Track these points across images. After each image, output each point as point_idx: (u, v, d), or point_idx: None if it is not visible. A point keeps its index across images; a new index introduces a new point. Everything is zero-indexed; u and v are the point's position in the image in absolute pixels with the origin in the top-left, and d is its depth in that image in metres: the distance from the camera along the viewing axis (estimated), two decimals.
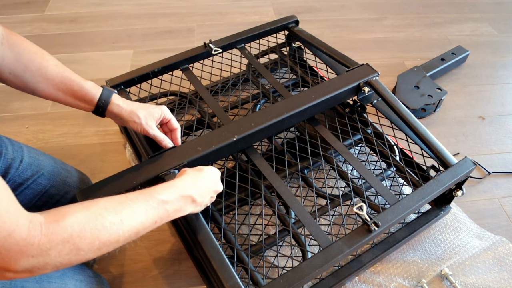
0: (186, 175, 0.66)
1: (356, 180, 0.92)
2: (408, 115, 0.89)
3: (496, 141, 1.17)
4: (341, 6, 1.66)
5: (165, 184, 0.63)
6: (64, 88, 0.70)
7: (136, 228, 0.55)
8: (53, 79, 0.68)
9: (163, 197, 0.59)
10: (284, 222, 0.80)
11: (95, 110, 0.74)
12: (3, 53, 0.63)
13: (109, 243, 0.52)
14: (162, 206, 0.59)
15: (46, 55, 0.69)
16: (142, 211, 0.56)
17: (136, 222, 0.55)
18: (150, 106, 0.78)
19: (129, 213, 0.54)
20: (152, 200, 0.58)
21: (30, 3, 1.61)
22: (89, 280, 0.75)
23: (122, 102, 0.75)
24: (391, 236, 0.88)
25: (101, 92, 0.73)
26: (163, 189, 0.60)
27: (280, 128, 0.88)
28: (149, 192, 0.59)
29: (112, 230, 0.52)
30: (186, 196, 0.63)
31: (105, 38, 1.46)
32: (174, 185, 0.63)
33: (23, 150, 0.77)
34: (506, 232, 0.96)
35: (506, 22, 1.61)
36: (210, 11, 1.60)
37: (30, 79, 0.67)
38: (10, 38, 0.65)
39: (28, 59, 0.66)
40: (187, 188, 0.63)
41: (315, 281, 0.81)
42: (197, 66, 1.05)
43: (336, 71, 1.05)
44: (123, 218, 0.53)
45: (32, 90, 0.68)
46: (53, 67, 0.69)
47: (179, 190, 0.62)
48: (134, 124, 0.75)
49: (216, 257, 0.66)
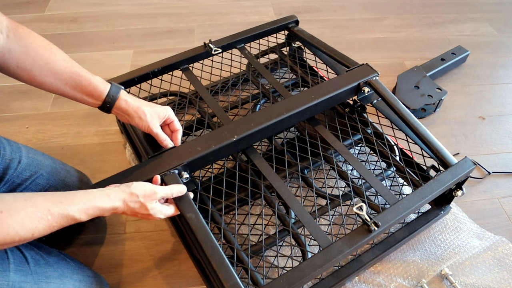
0: None
1: (356, 180, 0.92)
2: (408, 115, 0.89)
3: (496, 141, 1.17)
4: (341, 6, 1.66)
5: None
6: (73, 83, 0.69)
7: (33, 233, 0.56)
8: (61, 74, 0.68)
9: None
10: (284, 222, 0.80)
11: (102, 106, 0.74)
12: (10, 46, 0.63)
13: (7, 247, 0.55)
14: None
15: (55, 49, 0.68)
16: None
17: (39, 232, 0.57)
18: (156, 105, 0.79)
19: (43, 229, 0.56)
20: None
21: (30, 3, 1.61)
22: (88, 280, 0.75)
23: (129, 98, 0.75)
24: (391, 236, 0.88)
25: (109, 87, 0.73)
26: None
27: (280, 128, 0.88)
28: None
29: (19, 242, 0.54)
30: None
31: (105, 38, 1.46)
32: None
33: (21, 150, 0.77)
34: (506, 232, 0.96)
35: (506, 22, 1.61)
36: (210, 11, 1.60)
37: (37, 73, 0.66)
38: (17, 31, 0.64)
39: (36, 53, 0.65)
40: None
41: (315, 281, 0.81)
42: (197, 66, 1.05)
43: (336, 71, 1.05)
44: (35, 233, 0.55)
45: (39, 84, 0.68)
46: (61, 62, 0.68)
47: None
48: (139, 120, 0.76)
49: (216, 257, 0.65)
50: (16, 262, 0.65)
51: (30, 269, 0.66)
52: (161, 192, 0.69)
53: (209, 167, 0.95)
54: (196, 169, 0.81)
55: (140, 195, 0.66)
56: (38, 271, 0.67)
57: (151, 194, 0.67)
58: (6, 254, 0.65)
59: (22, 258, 0.67)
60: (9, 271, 0.63)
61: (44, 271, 0.68)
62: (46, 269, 0.69)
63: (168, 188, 0.70)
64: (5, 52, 0.62)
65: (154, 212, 0.68)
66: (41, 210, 0.55)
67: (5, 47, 0.62)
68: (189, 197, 0.72)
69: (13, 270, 0.64)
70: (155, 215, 0.68)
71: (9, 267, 0.63)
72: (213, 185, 0.82)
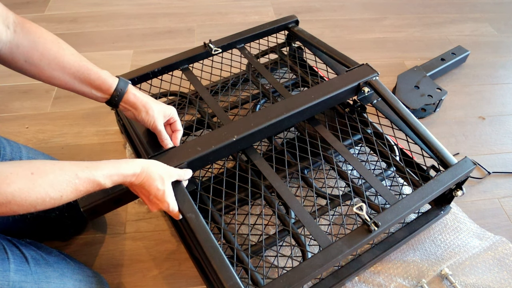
0: None
1: (356, 180, 0.92)
2: (408, 115, 0.89)
3: (496, 141, 1.17)
4: (341, 6, 1.66)
5: None
6: (81, 76, 0.70)
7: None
8: (70, 68, 0.68)
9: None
10: (284, 222, 0.80)
11: (110, 100, 0.74)
12: (18, 41, 0.63)
13: (40, 208, 0.54)
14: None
15: (63, 44, 0.69)
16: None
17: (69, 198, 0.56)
18: (162, 103, 0.80)
19: (70, 191, 0.56)
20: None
21: (30, 3, 1.61)
22: (89, 280, 0.75)
23: (138, 92, 0.76)
24: (391, 236, 0.88)
25: (117, 81, 0.73)
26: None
27: (280, 128, 0.88)
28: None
29: (49, 204, 0.54)
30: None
31: (105, 38, 1.46)
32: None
33: (21, 150, 0.77)
34: (506, 232, 0.96)
35: (506, 22, 1.61)
36: (210, 11, 1.60)
37: (46, 67, 0.66)
38: (24, 26, 0.64)
39: (44, 47, 0.65)
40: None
41: (315, 281, 0.81)
42: (197, 66, 1.05)
43: (336, 71, 1.05)
44: (63, 195, 0.55)
45: (47, 78, 0.68)
46: (69, 56, 0.68)
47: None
48: (146, 115, 0.76)
49: (216, 257, 0.65)
50: (17, 262, 0.65)
51: (30, 269, 0.66)
52: (175, 173, 0.71)
53: (209, 167, 0.95)
54: (196, 169, 0.81)
55: (160, 167, 0.67)
56: (38, 271, 0.67)
57: (168, 170, 0.69)
58: (6, 254, 0.65)
59: (22, 258, 0.67)
60: (9, 271, 0.63)
61: (44, 271, 0.68)
62: (46, 269, 0.69)
63: (181, 171, 0.73)
64: (13, 47, 0.63)
65: (167, 194, 0.68)
66: (68, 173, 0.55)
67: (13, 42, 0.62)
68: (189, 197, 0.72)
69: (13, 270, 0.64)
70: (166, 198, 0.67)
71: (9, 267, 0.63)
72: (213, 185, 0.82)
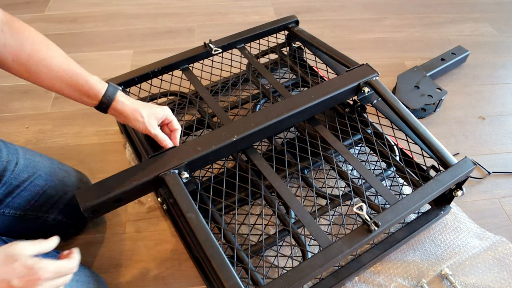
0: None
1: (356, 180, 0.92)
2: (408, 115, 0.89)
3: (496, 141, 1.17)
4: (341, 6, 1.66)
5: None
6: (69, 80, 0.68)
7: None
8: (58, 71, 0.67)
9: None
10: (284, 222, 0.80)
11: (98, 106, 0.72)
12: (5, 40, 0.62)
13: None
14: None
15: (52, 45, 0.67)
16: None
17: None
18: (153, 105, 0.78)
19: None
20: None
21: (30, 3, 1.61)
22: (87, 280, 0.75)
23: (126, 99, 0.74)
24: (391, 236, 0.88)
25: (106, 88, 0.71)
26: None
27: (280, 128, 0.88)
28: None
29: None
30: None
31: (105, 38, 1.46)
32: None
33: (18, 152, 0.76)
34: (506, 232, 0.96)
35: (506, 22, 1.61)
36: (210, 11, 1.60)
37: (34, 69, 0.65)
38: (12, 25, 0.63)
39: (32, 48, 0.64)
40: None
41: (315, 281, 0.81)
42: (197, 66, 1.05)
43: (336, 71, 1.05)
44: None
45: (36, 80, 0.67)
46: (58, 58, 0.67)
47: None
48: (136, 122, 0.74)
49: (216, 257, 0.65)
50: None
51: None
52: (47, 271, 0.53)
53: (209, 167, 0.95)
54: (196, 169, 0.81)
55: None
56: None
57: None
58: None
59: None
60: None
61: None
62: None
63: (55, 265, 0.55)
64: (0, 46, 0.61)
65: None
66: None
67: (0, 41, 0.61)
68: (189, 197, 0.72)
69: None
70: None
71: None
72: (213, 185, 0.82)
